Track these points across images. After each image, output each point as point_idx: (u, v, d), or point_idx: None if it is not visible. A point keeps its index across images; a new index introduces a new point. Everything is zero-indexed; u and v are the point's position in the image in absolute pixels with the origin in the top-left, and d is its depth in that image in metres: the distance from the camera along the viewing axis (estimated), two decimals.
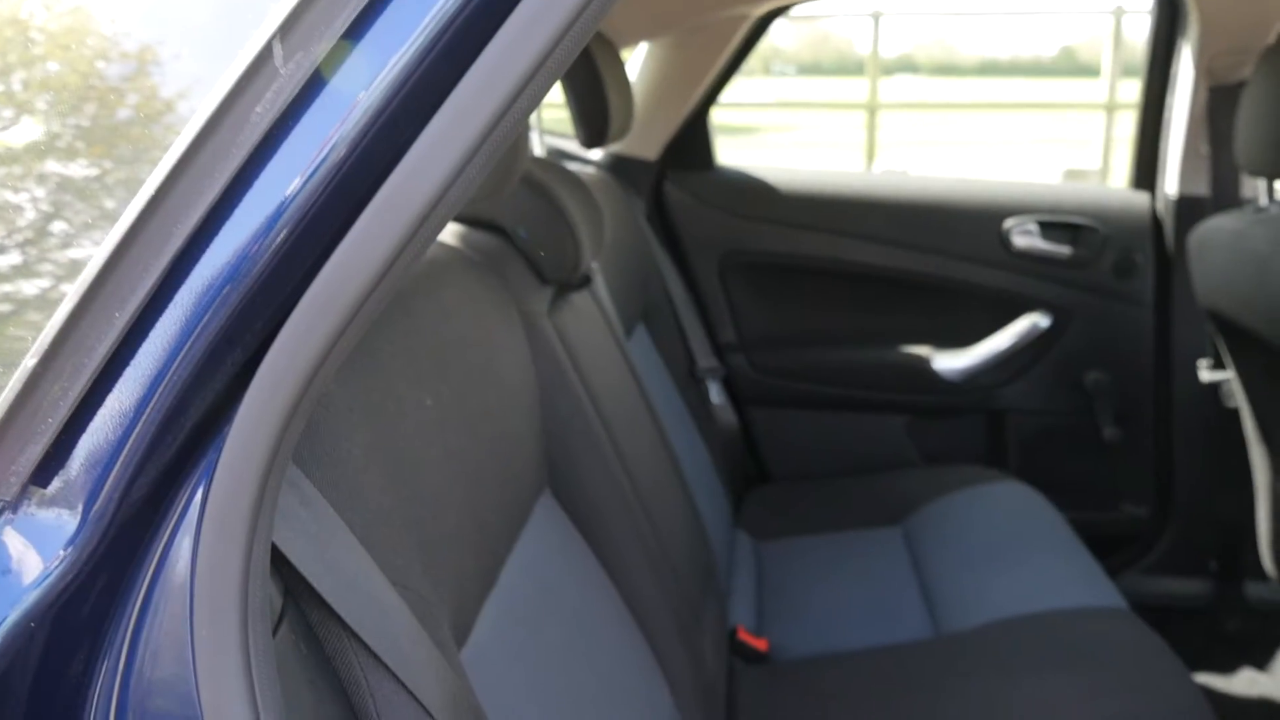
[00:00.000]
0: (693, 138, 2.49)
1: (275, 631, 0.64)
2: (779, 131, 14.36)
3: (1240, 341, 1.87)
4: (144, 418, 0.58)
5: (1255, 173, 1.68)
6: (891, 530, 2.03)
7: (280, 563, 0.66)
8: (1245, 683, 2.18)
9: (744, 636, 1.71)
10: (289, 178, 0.57)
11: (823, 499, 2.23)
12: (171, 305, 0.58)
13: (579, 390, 1.33)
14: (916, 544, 1.94)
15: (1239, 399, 2.03)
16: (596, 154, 2.40)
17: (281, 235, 0.57)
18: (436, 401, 0.98)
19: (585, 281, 1.56)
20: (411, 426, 0.91)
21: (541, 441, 1.25)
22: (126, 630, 0.60)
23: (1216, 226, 1.84)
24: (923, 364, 2.39)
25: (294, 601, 0.68)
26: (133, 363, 0.58)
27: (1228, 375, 2.05)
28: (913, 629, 1.69)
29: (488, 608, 0.98)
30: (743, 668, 1.64)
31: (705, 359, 2.36)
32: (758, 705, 1.53)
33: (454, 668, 0.78)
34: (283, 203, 0.57)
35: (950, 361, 2.37)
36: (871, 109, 9.42)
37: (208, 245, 0.58)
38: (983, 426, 2.43)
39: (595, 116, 1.83)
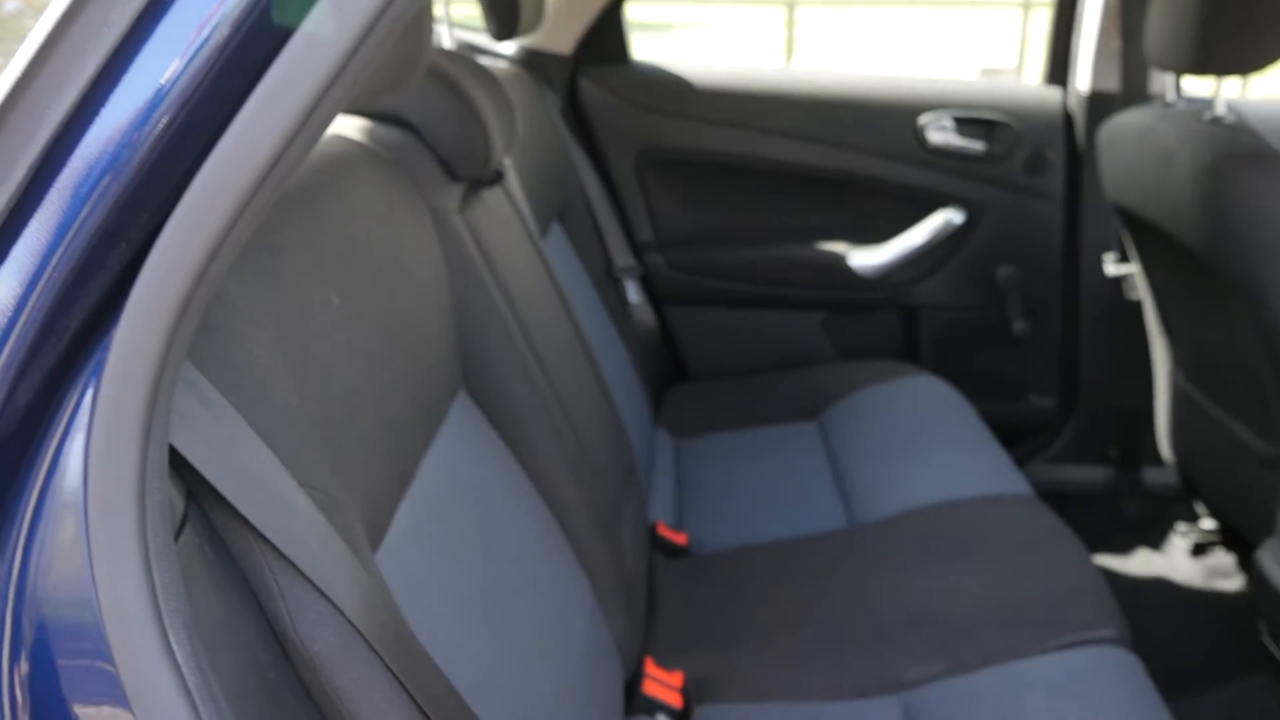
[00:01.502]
0: (608, 31, 2.43)
1: (178, 536, 0.63)
2: (695, 28, 14.13)
3: (1144, 235, 1.91)
4: (23, 318, 0.55)
5: (1164, 68, 1.70)
6: (808, 425, 2.06)
7: (181, 465, 0.64)
8: (1141, 563, 2.28)
9: (664, 532, 1.73)
10: (167, 60, 0.53)
11: (740, 395, 2.25)
12: (46, 199, 0.55)
13: (492, 288, 1.31)
14: (832, 437, 1.97)
15: (1142, 292, 2.08)
16: (508, 48, 2.34)
17: (163, 122, 0.54)
18: (344, 300, 0.95)
19: (497, 178, 1.52)
20: (317, 325, 0.89)
21: (455, 341, 1.23)
22: (19, 540, 0.58)
23: (1125, 122, 1.86)
24: (839, 261, 2.40)
25: (197, 504, 0.66)
26: (7, 261, 0.55)
27: (1132, 269, 2.10)
28: (828, 520, 1.73)
29: (403, 508, 0.97)
30: (663, 562, 1.67)
31: (622, 258, 2.34)
32: (677, 597, 1.56)
33: (367, 567, 0.77)
34: (161, 88, 0.53)
35: (866, 258, 2.39)
36: (790, 4, 9.31)
37: (83, 133, 0.54)
38: (897, 322, 2.47)
39: (505, 6, 1.77)
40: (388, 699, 0.69)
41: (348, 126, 1.28)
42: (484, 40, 2.33)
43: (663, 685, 1.36)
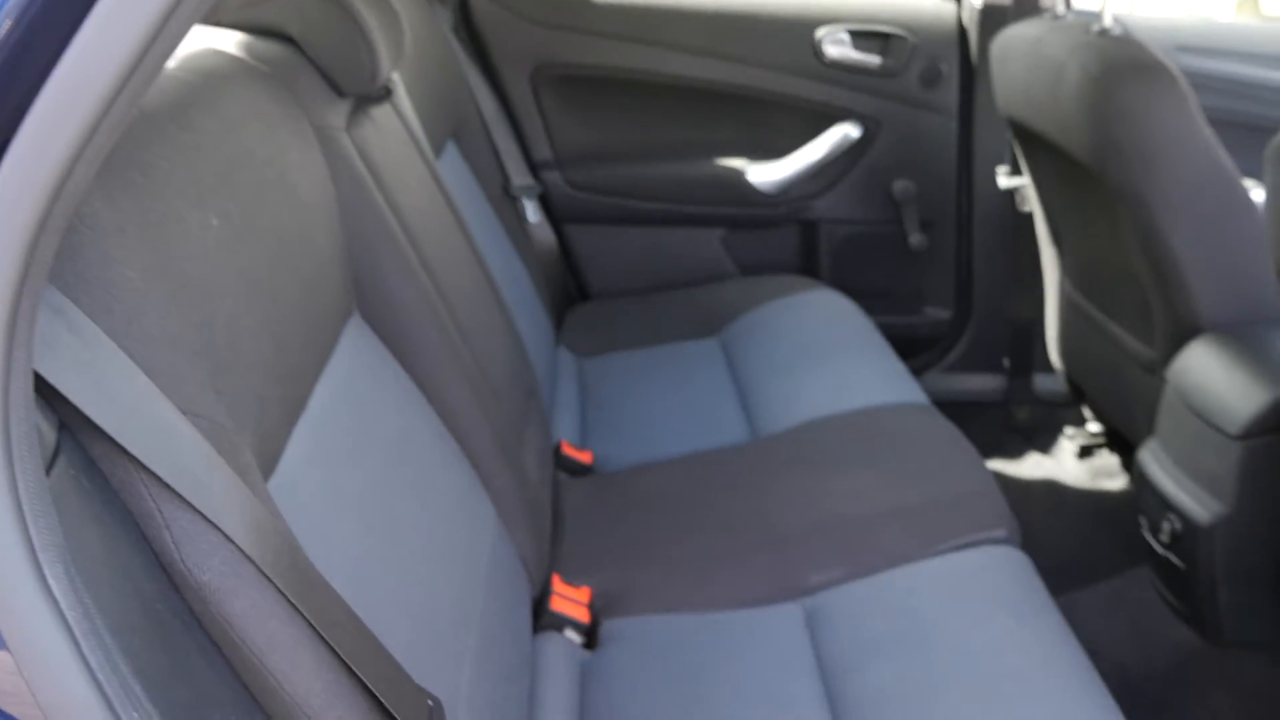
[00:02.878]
0: None
1: (50, 468, 0.60)
2: None
3: (1035, 147, 1.94)
4: None
5: None
6: (710, 341, 2.07)
7: (51, 395, 0.61)
8: (1031, 466, 2.37)
9: (568, 450, 1.73)
10: None
11: (642, 313, 2.25)
12: None
13: (384, 209, 1.27)
14: (734, 353, 1.99)
15: (1033, 204, 2.12)
16: None
17: (5, 26, 0.50)
18: (225, 221, 0.91)
19: (385, 94, 1.47)
20: (197, 248, 0.85)
21: (346, 263, 1.20)
22: None
23: (1016, 35, 1.88)
24: (737, 177, 2.40)
25: (70, 435, 0.63)
26: None
27: (1024, 181, 2.14)
28: (730, 434, 1.75)
29: (297, 434, 0.95)
30: (568, 481, 1.67)
31: (520, 177, 2.30)
32: (582, 514, 1.57)
33: (258, 494, 0.75)
34: None
35: (764, 174, 2.39)
36: None
37: None
38: (796, 237, 2.48)
39: None
40: (283, 625, 0.68)
41: (223, 40, 1.21)
42: None
43: (570, 601, 1.38)
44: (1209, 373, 1.58)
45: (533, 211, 2.31)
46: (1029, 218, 2.20)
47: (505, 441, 1.37)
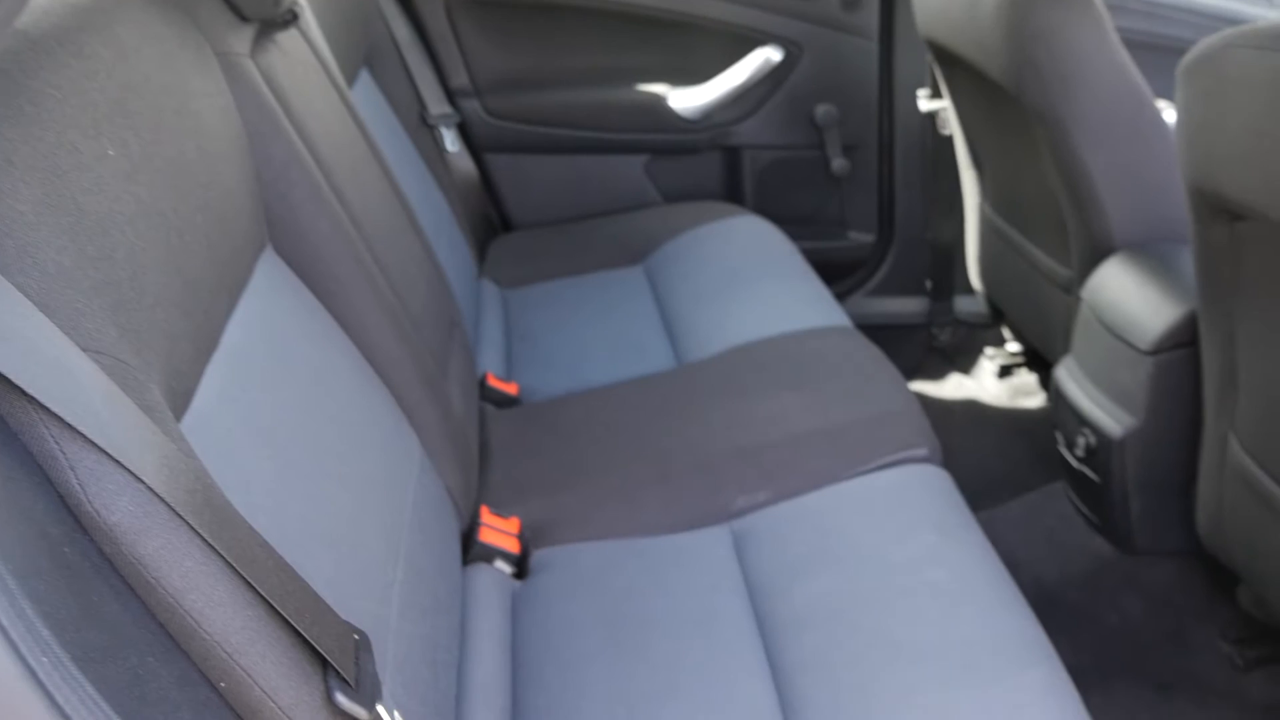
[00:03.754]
0: None
1: None
2: None
3: (954, 69, 1.94)
4: None
5: None
6: (634, 269, 2.06)
7: None
8: (953, 387, 2.41)
9: (493, 382, 1.72)
10: None
11: (566, 243, 2.23)
12: None
13: (293, 137, 1.23)
14: (658, 280, 1.98)
15: (952, 126, 2.14)
16: None
17: None
18: (122, 152, 0.87)
19: (291, 19, 1.41)
20: (92, 180, 0.81)
21: (256, 195, 1.16)
22: None
23: None
24: (659, 102, 2.37)
25: None
26: None
27: (944, 104, 2.15)
28: (656, 361, 1.75)
29: (211, 371, 0.93)
30: (494, 412, 1.66)
31: (437, 105, 2.25)
32: (509, 445, 1.56)
33: (168, 433, 0.73)
34: None
35: (686, 99, 2.37)
36: None
37: None
38: (719, 163, 2.47)
39: None
40: (198, 564, 0.66)
41: None
42: None
43: (499, 532, 1.38)
44: (1121, 290, 1.61)
45: (451, 141, 2.27)
46: (950, 141, 2.22)
47: (428, 374, 1.36)
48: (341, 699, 0.74)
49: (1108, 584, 1.73)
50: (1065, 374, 1.75)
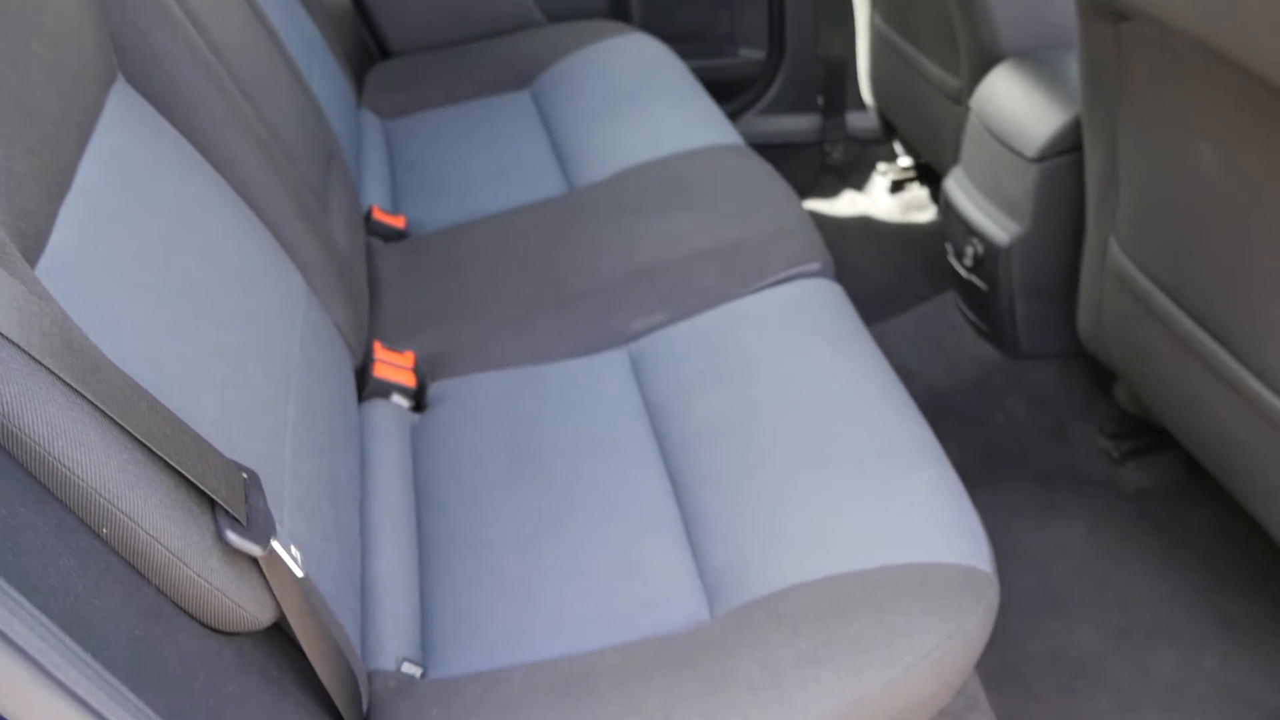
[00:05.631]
0: None
1: None
2: None
3: None
4: None
5: None
6: (520, 93, 1.99)
7: None
8: (846, 203, 2.42)
9: (379, 216, 1.67)
10: None
11: (448, 69, 2.13)
12: None
13: None
14: (545, 104, 1.92)
15: None
16: None
17: None
18: None
19: None
20: None
21: (99, 19, 1.07)
22: None
23: None
24: None
25: None
26: None
27: None
28: (547, 188, 1.71)
29: (65, 212, 0.87)
30: (381, 246, 1.61)
31: None
32: (399, 279, 1.53)
33: (18, 275, 0.68)
34: None
35: None
36: None
37: None
38: None
39: None
40: (62, 409, 0.63)
41: None
42: None
43: (394, 367, 1.35)
44: (1008, 99, 1.61)
45: None
46: None
47: (307, 208, 1.30)
48: (233, 537, 0.72)
49: (994, 388, 1.79)
50: (954, 185, 1.77)
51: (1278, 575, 1.48)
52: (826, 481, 1.09)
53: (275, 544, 0.76)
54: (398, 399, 1.33)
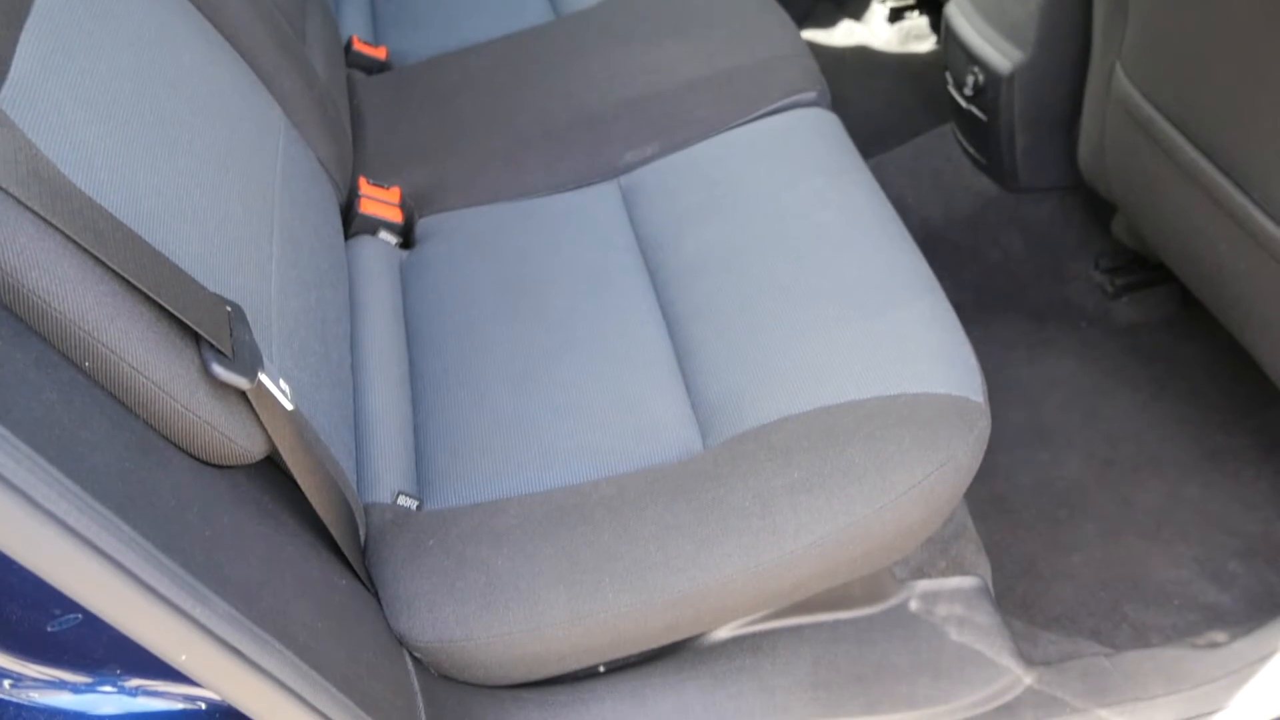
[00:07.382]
0: None
1: None
2: None
3: None
4: None
5: None
6: None
7: None
8: (844, 33, 2.34)
9: (360, 47, 1.60)
10: None
11: None
12: None
13: None
14: None
15: None
16: None
17: None
18: None
19: None
20: None
21: None
22: None
23: None
24: None
25: None
26: None
27: None
28: (533, 14, 1.64)
29: (26, 39, 0.82)
30: (363, 79, 1.56)
31: None
32: (383, 112, 1.48)
33: None
34: None
35: None
36: None
37: None
38: None
39: None
40: (33, 239, 0.61)
41: None
42: None
43: (380, 203, 1.32)
44: None
45: None
46: None
47: (282, 37, 1.24)
48: (218, 369, 0.71)
49: (991, 222, 1.77)
50: (956, 10, 1.70)
51: (1262, 409, 1.49)
52: (820, 314, 1.08)
53: (263, 377, 0.75)
54: (385, 235, 1.31)
